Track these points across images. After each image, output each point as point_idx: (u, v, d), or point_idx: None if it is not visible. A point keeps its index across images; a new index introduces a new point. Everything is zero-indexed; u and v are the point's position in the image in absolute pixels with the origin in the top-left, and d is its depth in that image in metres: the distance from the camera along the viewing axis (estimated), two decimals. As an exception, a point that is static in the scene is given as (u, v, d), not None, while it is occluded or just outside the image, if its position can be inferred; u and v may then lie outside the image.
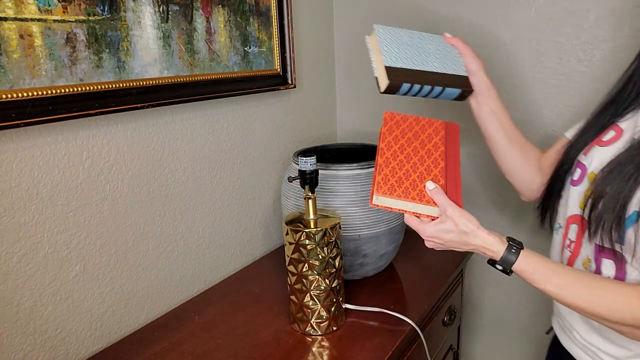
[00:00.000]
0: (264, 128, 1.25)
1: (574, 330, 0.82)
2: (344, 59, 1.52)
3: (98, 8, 0.80)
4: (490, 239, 0.72)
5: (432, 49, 0.88)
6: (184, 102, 0.98)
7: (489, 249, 0.72)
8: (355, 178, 1.02)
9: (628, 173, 0.66)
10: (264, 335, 0.92)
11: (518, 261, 0.71)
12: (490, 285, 1.44)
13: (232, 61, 1.09)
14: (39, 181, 0.79)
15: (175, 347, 0.90)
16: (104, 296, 0.91)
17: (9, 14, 0.70)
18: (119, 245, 0.93)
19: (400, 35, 0.88)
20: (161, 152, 0.99)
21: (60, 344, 0.85)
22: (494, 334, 1.48)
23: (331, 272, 0.89)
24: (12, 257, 0.77)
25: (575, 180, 0.79)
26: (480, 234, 0.73)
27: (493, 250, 0.72)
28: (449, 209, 0.73)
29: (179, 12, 0.95)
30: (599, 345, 0.77)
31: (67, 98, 0.78)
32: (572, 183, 0.80)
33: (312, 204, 0.90)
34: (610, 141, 0.75)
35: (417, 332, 0.93)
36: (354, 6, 1.45)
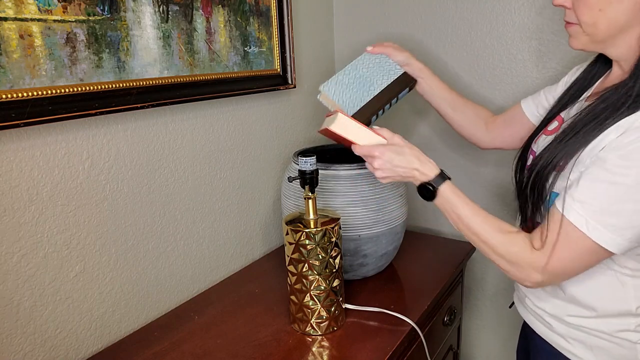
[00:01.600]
0: (264, 128, 1.25)
1: (526, 298, 0.88)
2: (344, 59, 1.52)
3: (98, 8, 0.80)
4: (430, 162, 0.82)
5: (368, 72, 1.00)
6: (184, 102, 0.98)
7: (426, 172, 0.81)
8: (355, 178, 1.02)
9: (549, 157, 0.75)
10: (264, 335, 0.92)
11: (445, 183, 0.80)
12: (490, 285, 1.44)
13: (232, 61, 1.09)
14: (39, 181, 0.79)
15: (175, 347, 0.90)
16: (104, 296, 0.91)
17: (9, 14, 0.70)
18: (119, 245, 0.93)
19: (341, 80, 0.98)
20: (161, 152, 0.99)
21: (60, 344, 0.85)
22: (494, 334, 1.48)
23: (331, 272, 0.89)
24: (12, 257, 0.77)
25: (528, 166, 0.85)
26: (424, 157, 0.82)
27: (429, 173, 0.81)
28: (397, 137, 0.84)
29: (179, 12, 0.95)
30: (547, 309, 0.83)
31: (67, 98, 0.77)
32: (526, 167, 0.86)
33: (312, 204, 0.90)
34: (553, 130, 0.83)
35: (417, 332, 0.93)
36: (353, 6, 1.45)
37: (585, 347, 0.78)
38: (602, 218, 0.65)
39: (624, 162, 0.64)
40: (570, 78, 0.89)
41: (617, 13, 0.68)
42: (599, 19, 0.70)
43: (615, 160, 0.65)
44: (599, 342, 0.77)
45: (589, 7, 0.70)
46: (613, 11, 0.69)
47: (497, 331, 1.47)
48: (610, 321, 0.76)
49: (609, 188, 0.65)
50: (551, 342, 0.83)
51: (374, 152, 0.82)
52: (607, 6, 0.69)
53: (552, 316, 0.82)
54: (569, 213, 0.68)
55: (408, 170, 0.82)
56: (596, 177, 0.66)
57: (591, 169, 0.67)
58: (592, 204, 0.66)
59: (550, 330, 0.83)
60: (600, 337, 0.77)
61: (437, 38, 1.33)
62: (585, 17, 0.71)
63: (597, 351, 0.77)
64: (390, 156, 0.81)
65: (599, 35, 0.72)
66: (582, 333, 0.78)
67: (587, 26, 0.72)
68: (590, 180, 0.67)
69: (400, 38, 1.39)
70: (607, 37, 0.71)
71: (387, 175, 0.83)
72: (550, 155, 0.74)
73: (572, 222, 0.67)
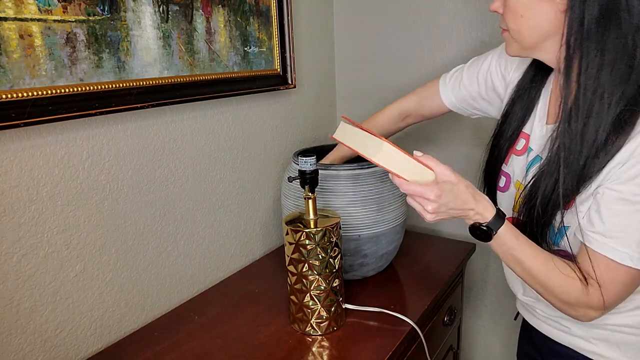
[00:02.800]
0: (264, 128, 1.25)
1: (537, 308, 0.86)
2: (344, 59, 1.52)
3: (98, 8, 0.80)
4: (486, 200, 0.73)
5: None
6: (184, 102, 0.98)
7: (482, 213, 0.72)
8: (355, 178, 1.02)
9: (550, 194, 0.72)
10: (264, 335, 0.92)
11: (505, 226, 0.72)
12: (490, 285, 1.44)
13: (232, 61, 1.09)
14: (39, 181, 0.79)
15: (175, 347, 0.90)
16: (104, 296, 0.91)
17: (9, 14, 0.70)
18: (119, 245, 0.93)
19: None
20: (161, 152, 0.99)
21: (60, 344, 0.85)
22: (494, 334, 1.48)
23: (331, 272, 0.89)
24: (12, 257, 0.77)
25: (502, 187, 0.84)
26: (479, 194, 0.73)
27: (485, 214, 0.72)
28: (448, 171, 0.71)
29: (179, 12, 0.95)
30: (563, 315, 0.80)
31: (67, 98, 0.77)
32: (499, 189, 0.85)
33: (312, 204, 0.89)
34: (523, 150, 0.82)
35: (417, 332, 0.93)
36: (354, 6, 1.45)
37: (610, 345, 0.77)
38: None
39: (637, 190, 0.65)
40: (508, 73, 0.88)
41: (538, 19, 0.68)
42: (522, 25, 0.70)
43: (631, 190, 0.65)
44: (626, 337, 0.76)
45: (514, 14, 0.70)
46: (534, 18, 0.69)
47: (497, 331, 1.47)
48: (633, 313, 0.75)
49: (637, 217, 0.65)
50: (571, 345, 0.82)
51: (429, 195, 0.69)
52: (527, 12, 0.69)
53: (569, 320, 0.80)
54: (610, 253, 0.68)
55: (462, 211, 0.72)
56: (620, 211, 0.66)
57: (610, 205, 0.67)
58: (627, 237, 0.66)
59: (568, 334, 0.82)
60: (626, 333, 0.76)
61: (438, 37, 1.33)
62: (510, 24, 0.72)
63: (624, 347, 0.77)
64: (448, 198, 0.70)
65: (525, 42, 0.72)
66: (606, 331, 0.77)
67: (514, 32, 0.72)
68: (615, 216, 0.67)
69: (400, 37, 1.39)
70: (533, 43, 0.71)
71: (439, 218, 0.73)
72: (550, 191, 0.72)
73: (617, 261, 0.67)
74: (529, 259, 0.72)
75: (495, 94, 0.94)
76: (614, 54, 0.63)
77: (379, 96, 1.45)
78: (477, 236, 0.74)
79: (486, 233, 0.72)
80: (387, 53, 1.43)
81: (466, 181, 0.73)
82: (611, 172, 0.66)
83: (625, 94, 0.64)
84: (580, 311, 0.72)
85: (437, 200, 0.69)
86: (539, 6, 0.67)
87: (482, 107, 0.98)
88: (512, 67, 0.89)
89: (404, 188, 0.71)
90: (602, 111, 0.65)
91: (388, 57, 1.43)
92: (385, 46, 1.43)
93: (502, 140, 0.86)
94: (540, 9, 0.67)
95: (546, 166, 0.73)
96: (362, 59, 1.48)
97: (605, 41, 0.63)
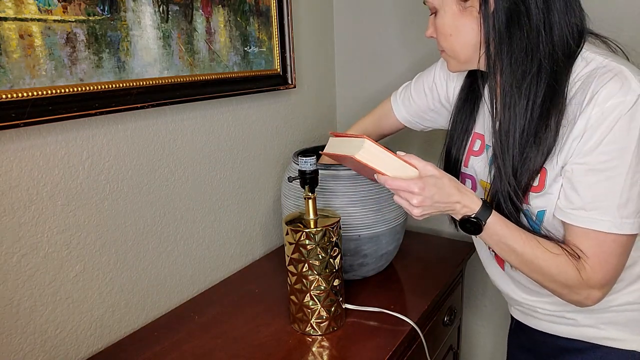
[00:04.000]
0: (264, 128, 1.25)
1: (538, 308, 0.86)
2: (343, 59, 1.52)
3: (98, 8, 0.80)
4: (471, 192, 0.76)
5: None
6: (184, 102, 0.98)
7: (468, 205, 0.74)
8: (356, 178, 1.02)
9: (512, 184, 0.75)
10: (264, 335, 0.92)
11: (493, 215, 0.74)
12: (490, 285, 1.44)
13: (232, 61, 1.09)
14: (39, 181, 0.79)
15: (175, 347, 0.90)
16: (104, 296, 0.91)
17: (9, 14, 0.70)
18: (119, 245, 0.93)
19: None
20: (161, 152, 0.99)
21: (60, 344, 0.85)
22: (494, 334, 1.48)
23: (331, 272, 0.89)
24: (12, 257, 0.77)
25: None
26: (463, 187, 0.76)
27: (472, 205, 0.74)
28: (430, 167, 0.75)
29: (179, 12, 0.95)
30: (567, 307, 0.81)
31: (67, 98, 0.77)
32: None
33: (312, 204, 0.89)
34: (481, 150, 0.86)
35: (417, 332, 0.93)
36: (354, 6, 1.45)
37: (618, 326, 0.78)
38: (623, 211, 0.67)
39: (604, 158, 0.66)
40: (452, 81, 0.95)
41: (465, 35, 0.75)
42: (453, 43, 0.77)
43: (597, 159, 0.67)
44: (631, 315, 0.77)
45: (443, 35, 0.77)
46: (461, 34, 0.75)
47: (497, 331, 1.47)
48: (632, 288, 0.76)
49: (610, 184, 0.67)
50: (580, 337, 0.82)
51: (413, 189, 0.72)
52: (454, 31, 0.76)
53: (574, 311, 0.80)
54: (594, 225, 0.68)
55: (448, 205, 0.74)
56: (593, 182, 0.68)
57: (581, 178, 0.69)
58: (606, 205, 0.67)
59: (575, 327, 0.82)
60: (630, 310, 0.77)
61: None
62: (444, 44, 0.79)
63: (633, 325, 0.77)
64: (432, 191, 0.72)
65: (461, 57, 0.78)
66: (611, 313, 0.78)
67: (449, 51, 0.79)
68: (589, 188, 0.68)
69: (400, 37, 1.39)
70: (468, 56, 0.77)
71: (426, 212, 0.75)
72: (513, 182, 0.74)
73: (604, 231, 0.68)
74: (521, 244, 0.73)
75: (441, 105, 1.00)
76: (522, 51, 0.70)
77: (378, 96, 1.45)
78: (467, 229, 0.76)
79: (476, 224, 0.74)
80: (387, 53, 1.43)
81: (450, 175, 0.76)
82: (572, 148, 0.69)
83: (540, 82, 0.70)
84: (582, 293, 0.72)
85: (421, 193, 0.72)
86: (462, 23, 0.74)
87: (433, 119, 1.04)
88: (455, 76, 0.95)
89: (389, 184, 0.74)
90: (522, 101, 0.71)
91: (388, 57, 1.43)
92: (385, 46, 1.43)
93: (454, 146, 0.90)
94: (465, 25, 0.74)
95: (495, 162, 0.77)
96: (362, 59, 1.48)
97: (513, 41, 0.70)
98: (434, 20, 0.78)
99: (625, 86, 0.64)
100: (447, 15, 0.75)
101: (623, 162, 0.65)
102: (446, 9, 0.75)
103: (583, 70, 0.69)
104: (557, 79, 0.70)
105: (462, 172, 0.90)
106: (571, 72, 0.70)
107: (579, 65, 0.70)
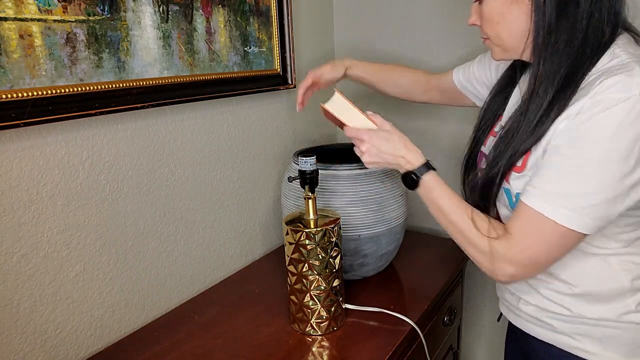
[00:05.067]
0: (264, 128, 1.25)
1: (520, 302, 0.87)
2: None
3: (98, 8, 0.80)
4: (417, 152, 0.83)
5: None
6: (184, 102, 0.98)
7: (411, 161, 0.82)
8: (355, 178, 1.02)
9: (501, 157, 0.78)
10: (264, 335, 0.92)
11: (429, 173, 0.81)
12: (490, 285, 1.44)
13: (232, 61, 1.09)
14: (39, 181, 0.79)
15: (175, 347, 0.90)
16: (104, 296, 0.91)
17: (9, 14, 0.70)
18: (119, 245, 0.93)
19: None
20: (161, 152, 0.99)
21: (60, 344, 0.85)
22: (494, 334, 1.48)
23: (331, 272, 0.89)
24: (12, 257, 0.77)
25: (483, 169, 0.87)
26: (411, 145, 0.84)
27: (414, 162, 0.82)
28: (387, 124, 0.85)
29: (179, 12, 0.95)
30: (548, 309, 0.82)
31: (67, 98, 0.77)
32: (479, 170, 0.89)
33: (312, 204, 0.90)
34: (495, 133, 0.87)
35: (417, 332, 0.93)
36: (354, 6, 1.45)
37: (593, 340, 0.78)
38: (565, 201, 0.67)
39: (573, 143, 0.66)
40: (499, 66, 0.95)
41: (513, 22, 0.74)
42: (500, 31, 0.76)
43: (567, 144, 0.67)
44: (606, 331, 0.77)
45: (490, 22, 0.77)
46: (508, 22, 0.75)
47: (497, 331, 1.47)
48: (611, 306, 0.76)
49: (566, 171, 0.67)
50: (556, 343, 0.82)
51: (363, 136, 0.83)
52: (502, 18, 0.75)
53: (553, 317, 0.81)
54: (529, 199, 0.70)
55: (394, 157, 0.83)
56: (552, 164, 0.69)
57: (547, 157, 0.70)
58: (551, 188, 0.68)
59: (552, 332, 0.82)
60: (606, 326, 0.77)
61: (438, 37, 1.33)
62: (490, 32, 0.78)
63: (606, 341, 0.77)
64: (378, 142, 0.83)
65: (507, 45, 0.77)
66: (587, 326, 0.78)
67: (495, 39, 0.78)
68: (547, 168, 0.69)
69: (400, 37, 1.39)
70: (514, 45, 0.77)
71: (373, 160, 0.84)
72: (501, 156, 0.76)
73: (534, 207, 0.69)
74: (448, 204, 0.79)
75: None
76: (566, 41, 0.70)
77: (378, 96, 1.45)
78: (406, 184, 0.83)
79: (414, 180, 0.82)
80: (387, 53, 1.43)
81: (402, 134, 0.84)
82: (556, 132, 0.69)
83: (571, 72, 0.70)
84: (496, 264, 0.74)
85: (369, 141, 0.83)
86: (510, 10, 0.73)
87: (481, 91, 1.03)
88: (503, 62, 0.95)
89: (347, 132, 0.86)
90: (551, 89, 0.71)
91: (388, 57, 1.43)
92: (385, 46, 1.43)
93: (481, 129, 0.92)
94: (512, 12, 0.73)
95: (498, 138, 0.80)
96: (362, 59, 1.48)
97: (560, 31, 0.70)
98: (478, 7, 0.78)
99: (626, 83, 0.64)
100: (496, 2, 0.74)
101: (592, 155, 0.65)
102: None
103: (605, 66, 0.69)
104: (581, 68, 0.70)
105: (480, 150, 0.91)
106: (595, 65, 0.70)
107: (604, 59, 0.69)
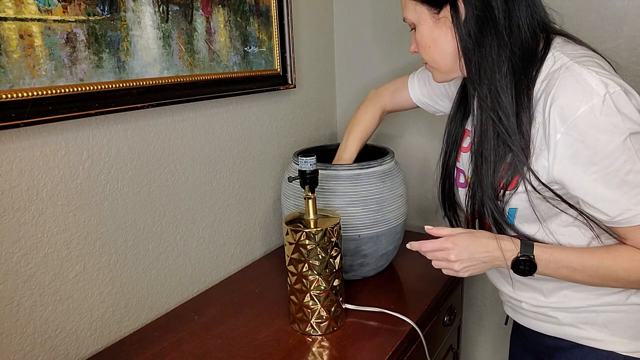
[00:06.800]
0: (264, 128, 1.25)
1: (522, 303, 0.87)
2: (344, 59, 1.52)
3: (98, 8, 0.80)
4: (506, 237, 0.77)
5: None
6: (184, 102, 0.98)
7: (510, 247, 0.75)
8: (355, 178, 1.02)
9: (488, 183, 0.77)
10: (264, 335, 0.92)
11: (536, 247, 0.74)
12: (490, 285, 1.44)
13: (232, 61, 1.09)
14: (39, 181, 0.79)
15: (175, 347, 0.90)
16: (104, 296, 0.91)
17: (9, 14, 0.70)
18: (119, 245, 0.93)
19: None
20: (161, 152, 0.99)
21: (60, 344, 0.85)
22: (494, 334, 1.48)
23: (331, 272, 0.89)
24: (12, 257, 0.77)
25: (462, 183, 0.88)
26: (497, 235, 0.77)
27: (513, 247, 0.75)
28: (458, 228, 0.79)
29: (179, 12, 0.95)
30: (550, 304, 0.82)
31: (67, 98, 0.78)
32: (459, 185, 0.90)
33: (312, 204, 0.90)
34: (468, 147, 0.86)
35: (417, 332, 0.93)
36: (354, 6, 1.45)
37: (597, 326, 0.78)
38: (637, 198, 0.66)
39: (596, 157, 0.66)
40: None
41: (444, 45, 0.77)
42: (433, 54, 0.79)
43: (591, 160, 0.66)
44: (610, 315, 0.77)
45: (424, 47, 0.80)
46: (440, 44, 0.77)
47: (497, 331, 1.47)
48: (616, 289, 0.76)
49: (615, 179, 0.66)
50: (563, 335, 0.82)
51: (446, 245, 0.76)
52: (433, 42, 0.78)
53: (556, 309, 0.81)
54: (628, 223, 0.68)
55: (489, 253, 0.76)
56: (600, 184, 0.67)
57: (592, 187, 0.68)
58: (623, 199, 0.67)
59: (558, 325, 0.82)
60: (610, 311, 0.77)
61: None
62: (425, 56, 0.81)
63: (612, 325, 0.77)
64: (466, 242, 0.76)
65: (442, 68, 0.80)
66: (591, 314, 0.78)
67: (431, 62, 0.81)
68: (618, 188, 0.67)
69: (400, 36, 1.39)
70: (449, 66, 0.79)
71: (467, 265, 0.77)
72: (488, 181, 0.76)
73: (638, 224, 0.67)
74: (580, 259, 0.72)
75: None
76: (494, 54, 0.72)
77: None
78: (523, 272, 0.75)
79: (528, 261, 0.74)
80: (387, 53, 1.43)
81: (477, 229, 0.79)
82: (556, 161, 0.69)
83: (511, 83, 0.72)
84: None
85: (455, 247, 0.76)
86: (438, 34, 0.76)
87: (445, 105, 1.04)
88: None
89: (423, 247, 0.79)
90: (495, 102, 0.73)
91: (388, 57, 1.43)
92: (385, 46, 1.43)
93: (449, 140, 0.92)
94: (440, 36, 0.76)
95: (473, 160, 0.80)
96: (362, 59, 1.48)
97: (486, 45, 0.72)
98: (415, 35, 0.81)
99: (587, 91, 0.65)
100: (424, 28, 0.78)
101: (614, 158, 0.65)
102: (422, 22, 0.77)
103: (550, 69, 0.71)
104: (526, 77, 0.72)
105: (456, 166, 0.92)
106: (541, 71, 0.72)
107: (548, 64, 0.72)
